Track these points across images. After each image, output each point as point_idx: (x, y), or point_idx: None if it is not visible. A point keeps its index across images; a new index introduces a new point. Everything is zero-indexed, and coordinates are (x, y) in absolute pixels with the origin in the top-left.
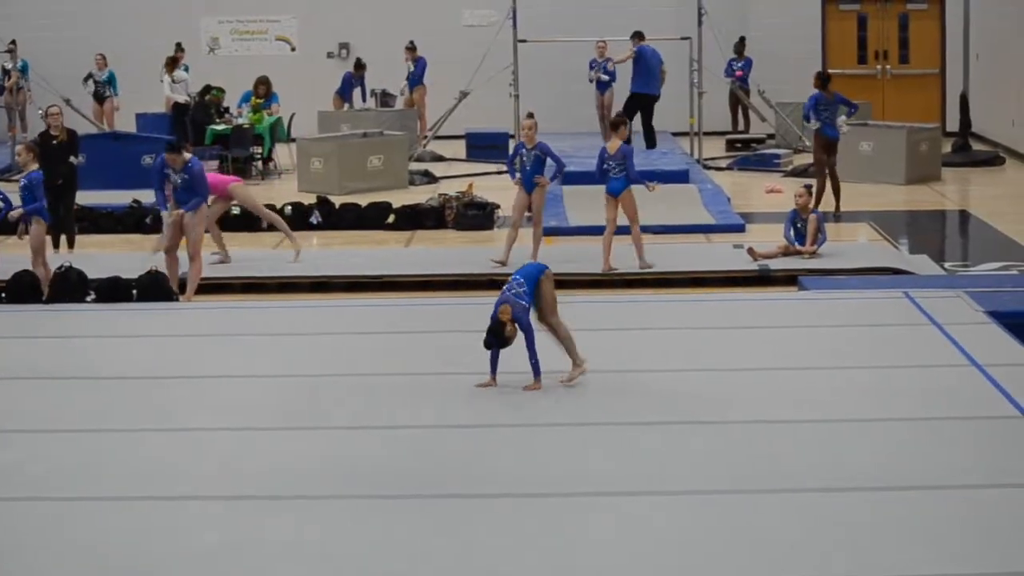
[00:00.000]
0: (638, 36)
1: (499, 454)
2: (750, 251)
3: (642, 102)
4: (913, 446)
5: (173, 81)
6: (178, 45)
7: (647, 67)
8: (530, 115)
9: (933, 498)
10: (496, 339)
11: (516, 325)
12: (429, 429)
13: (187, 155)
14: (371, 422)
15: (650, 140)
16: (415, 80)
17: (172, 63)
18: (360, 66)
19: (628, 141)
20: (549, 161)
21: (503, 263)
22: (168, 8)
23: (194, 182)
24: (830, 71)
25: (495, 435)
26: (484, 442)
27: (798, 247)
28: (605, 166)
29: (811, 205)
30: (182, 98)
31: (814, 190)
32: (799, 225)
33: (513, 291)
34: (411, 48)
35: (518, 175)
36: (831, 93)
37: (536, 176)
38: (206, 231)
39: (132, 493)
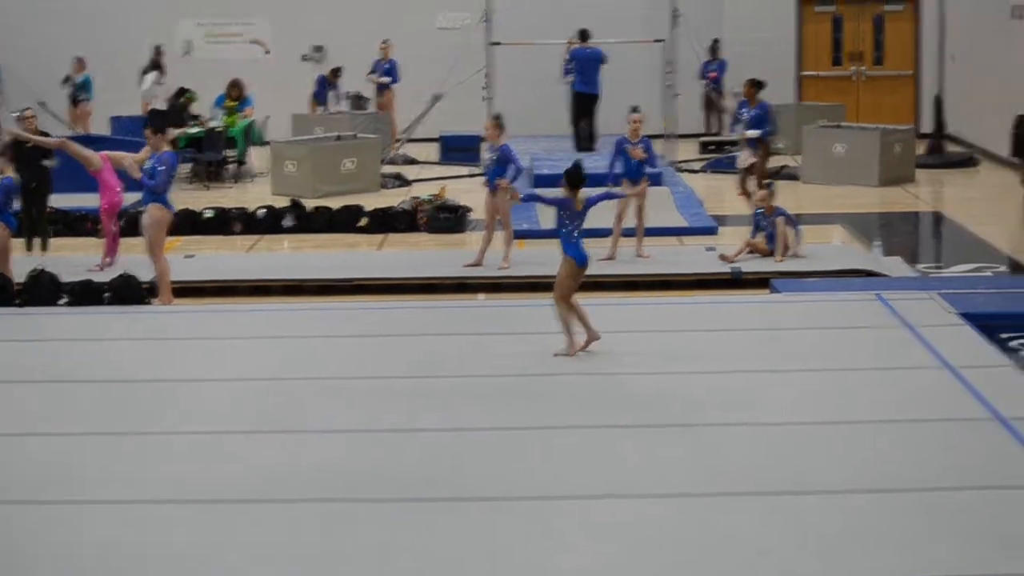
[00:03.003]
0: (581, 36)
1: (471, 458)
2: (722, 257)
3: (582, 101)
4: (886, 448)
5: (155, 83)
6: (157, 48)
7: (582, 67)
8: (495, 117)
9: (906, 501)
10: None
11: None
12: (401, 433)
13: (167, 145)
14: (343, 426)
15: (588, 141)
16: (386, 75)
17: (154, 65)
18: (336, 70)
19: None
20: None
21: (478, 264)
22: (144, 11)
23: (157, 172)
24: (805, 73)
25: (467, 439)
26: (456, 446)
27: (768, 248)
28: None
29: (773, 204)
30: (161, 103)
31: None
32: (764, 225)
33: None
34: (386, 45)
35: (485, 177)
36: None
37: (497, 179)
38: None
39: (102, 496)
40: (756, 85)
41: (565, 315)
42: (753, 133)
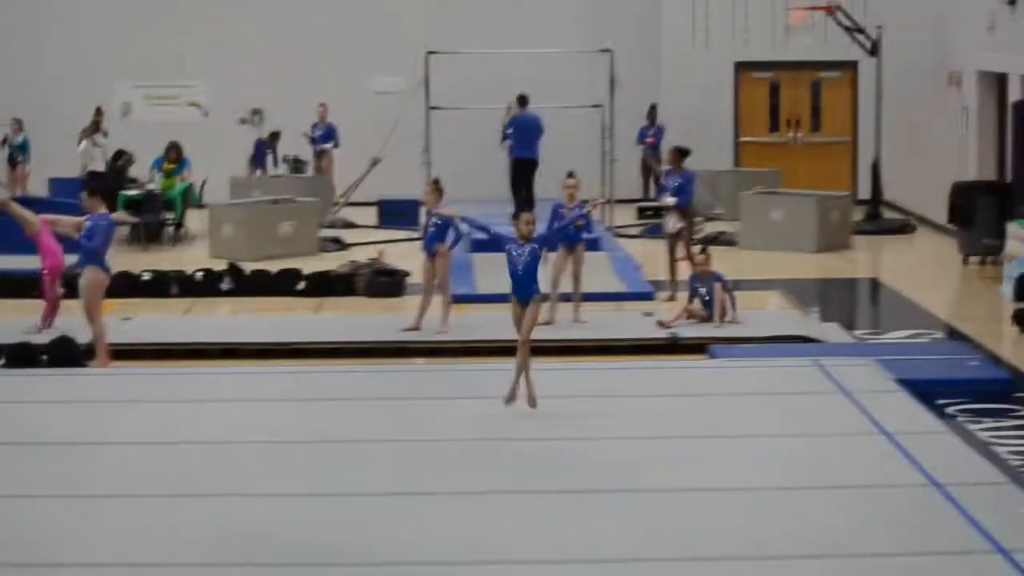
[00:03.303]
0: (520, 101)
1: (399, 522)
2: (659, 323)
3: (521, 167)
4: (823, 515)
5: (95, 145)
6: (98, 109)
7: (520, 133)
8: (434, 181)
9: (843, 567)
10: None
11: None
12: (334, 497)
13: (102, 207)
14: (279, 490)
15: (526, 206)
16: (322, 141)
17: (95, 127)
18: (274, 134)
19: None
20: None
21: (416, 328)
22: (82, 72)
23: (93, 233)
24: (743, 138)
25: (396, 503)
26: (385, 510)
27: (705, 313)
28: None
29: (709, 268)
30: (100, 165)
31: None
32: (700, 290)
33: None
34: (323, 108)
35: (423, 241)
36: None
37: (436, 244)
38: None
39: (25, 560)
40: (681, 153)
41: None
42: (670, 201)
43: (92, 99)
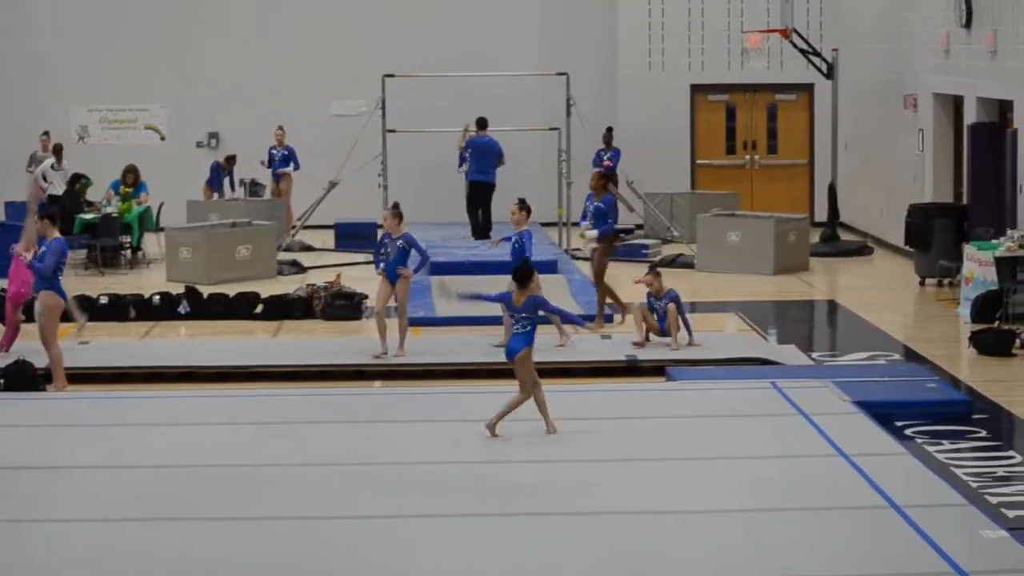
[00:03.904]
0: (479, 124)
1: (360, 546)
2: (636, 343)
3: (478, 191)
4: (780, 536)
5: (54, 169)
6: (46, 133)
7: (478, 156)
8: (394, 206)
9: None
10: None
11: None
12: (293, 521)
13: (55, 231)
14: (235, 513)
15: (484, 230)
16: (281, 164)
17: (58, 152)
18: (230, 158)
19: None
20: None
21: (384, 353)
22: (38, 96)
23: (46, 256)
24: (699, 161)
25: (358, 527)
26: (346, 534)
27: (660, 328)
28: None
29: (663, 289)
30: (60, 189)
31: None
32: (656, 307)
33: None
34: (281, 132)
35: (382, 265)
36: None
37: (399, 267)
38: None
39: None
40: (604, 177)
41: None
42: (592, 234)
43: (49, 123)
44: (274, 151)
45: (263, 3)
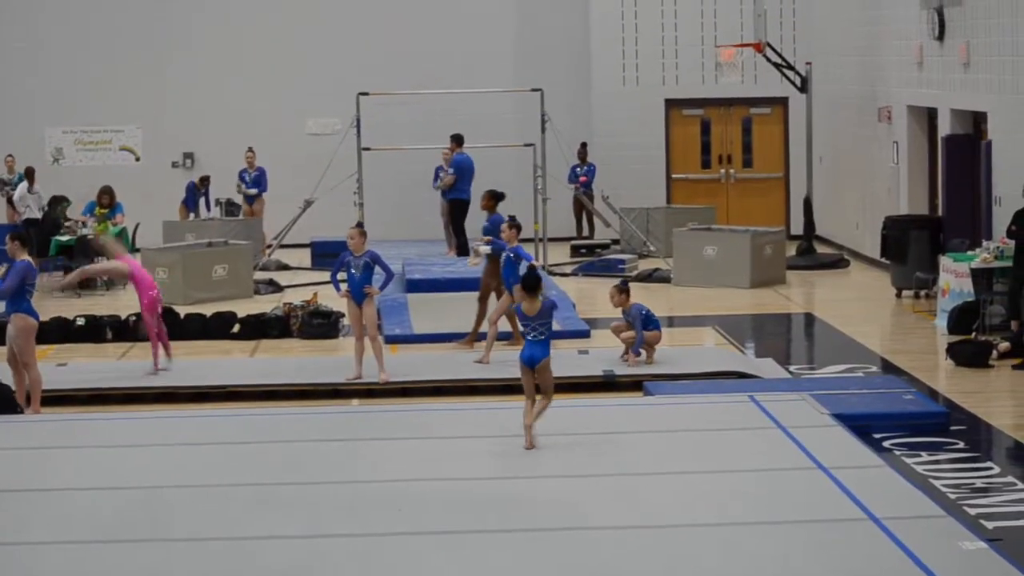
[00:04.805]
0: (456, 141)
1: (339, 565)
2: (625, 359)
3: (460, 208)
4: (759, 550)
5: (30, 192)
6: (11, 156)
7: (460, 173)
8: (358, 224)
9: None
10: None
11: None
12: (272, 540)
13: (23, 253)
14: (214, 533)
15: (459, 247)
16: (253, 186)
17: (30, 175)
18: (204, 178)
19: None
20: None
21: (359, 377)
22: (12, 118)
23: (7, 278)
24: (675, 175)
25: (336, 546)
26: (325, 553)
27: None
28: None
29: (627, 303)
30: (36, 213)
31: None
32: (628, 319)
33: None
34: (251, 154)
35: (344, 287)
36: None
37: (365, 286)
38: None
39: None
40: (494, 197)
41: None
42: (484, 249)
43: (23, 145)
44: (245, 173)
45: (238, 23)
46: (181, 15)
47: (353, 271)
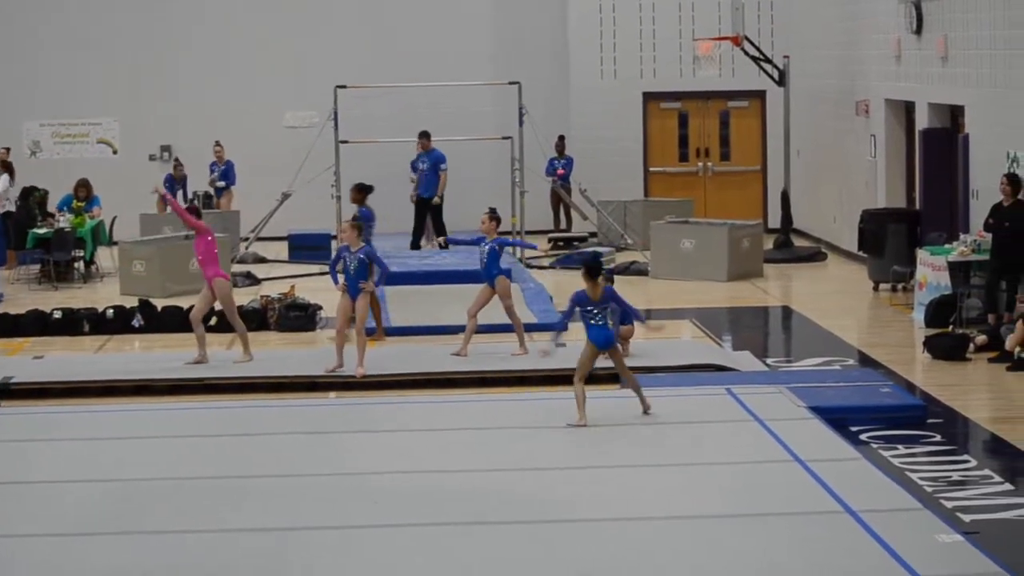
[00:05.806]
0: (424, 137)
1: (317, 558)
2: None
3: (426, 203)
4: (736, 542)
5: (9, 185)
6: (7, 149)
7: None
8: (353, 219)
9: None
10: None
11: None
12: (250, 532)
13: None
14: (191, 525)
15: (417, 239)
16: (220, 179)
17: (5, 167)
18: (179, 166)
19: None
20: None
21: (340, 366)
22: None
23: None
24: (652, 168)
25: (314, 538)
26: (303, 545)
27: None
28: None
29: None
30: (12, 206)
31: None
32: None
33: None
34: (220, 148)
35: (341, 280)
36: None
37: (361, 282)
38: None
39: None
40: (362, 190)
41: (579, 392)
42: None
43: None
44: (214, 166)
45: (215, 16)
46: (159, 8)
47: (349, 265)
